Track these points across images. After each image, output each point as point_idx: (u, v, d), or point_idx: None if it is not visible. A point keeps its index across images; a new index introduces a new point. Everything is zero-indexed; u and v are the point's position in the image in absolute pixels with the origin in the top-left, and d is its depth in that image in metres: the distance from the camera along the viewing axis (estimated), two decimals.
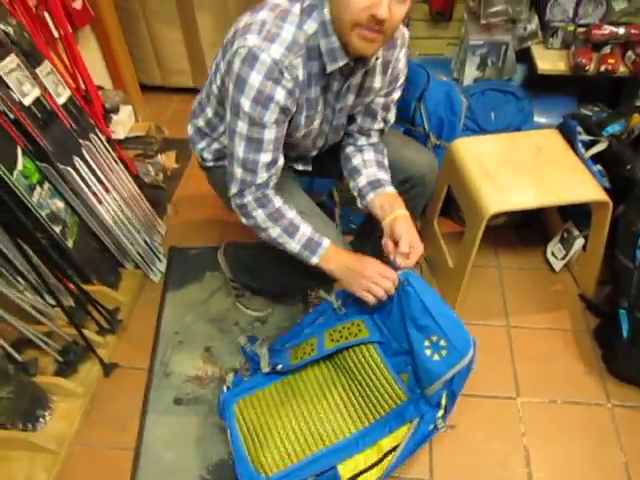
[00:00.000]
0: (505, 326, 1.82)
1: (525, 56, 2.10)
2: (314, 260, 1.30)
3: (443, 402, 1.26)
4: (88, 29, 2.47)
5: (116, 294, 1.87)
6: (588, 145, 1.73)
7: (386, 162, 1.48)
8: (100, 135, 1.89)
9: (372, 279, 1.25)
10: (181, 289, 1.96)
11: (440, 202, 1.92)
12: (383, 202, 1.38)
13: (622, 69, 1.91)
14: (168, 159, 2.47)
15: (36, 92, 1.61)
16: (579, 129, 1.75)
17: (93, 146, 1.82)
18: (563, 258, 1.88)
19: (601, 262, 1.74)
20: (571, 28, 1.97)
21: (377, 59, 1.25)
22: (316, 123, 1.31)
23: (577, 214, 1.83)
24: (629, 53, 1.90)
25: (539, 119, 2.07)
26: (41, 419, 1.54)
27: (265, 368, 1.45)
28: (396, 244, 1.31)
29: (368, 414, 1.33)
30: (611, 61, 1.87)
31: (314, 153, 1.49)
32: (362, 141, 1.48)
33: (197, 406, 1.63)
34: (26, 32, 1.68)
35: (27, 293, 1.67)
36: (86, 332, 1.68)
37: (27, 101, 1.57)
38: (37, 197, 1.62)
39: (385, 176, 1.43)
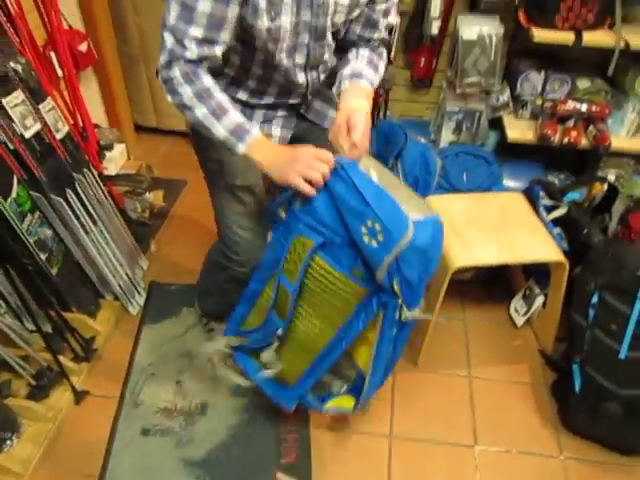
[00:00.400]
0: (467, 376, 1.89)
1: (498, 124, 2.26)
2: (240, 148, 1.21)
3: (396, 288, 1.18)
4: (90, 70, 2.60)
5: (94, 323, 1.92)
6: (550, 209, 1.86)
7: (380, 65, 1.41)
8: (93, 170, 1.99)
9: (307, 162, 1.16)
10: (158, 323, 2.02)
11: None
12: (353, 90, 1.31)
13: (584, 142, 2.07)
14: (156, 197, 2.56)
15: (37, 126, 1.71)
16: (542, 194, 1.88)
17: (85, 180, 1.91)
18: (525, 314, 1.99)
19: (559, 319, 1.85)
20: (539, 102, 2.14)
21: None
22: (285, 20, 1.19)
23: (539, 273, 1.95)
24: (591, 128, 2.07)
25: (508, 183, 2.22)
26: (8, 441, 1.56)
27: (265, 356, 1.48)
28: (347, 131, 1.25)
29: (338, 316, 1.32)
30: (574, 134, 2.03)
31: (300, 78, 1.34)
32: (362, 46, 1.41)
33: (164, 438, 1.66)
34: (33, 70, 1.79)
35: (7, 316, 1.72)
36: (61, 358, 1.72)
37: (28, 134, 1.66)
38: (27, 224, 1.69)
39: (370, 72, 1.36)
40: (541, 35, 1.91)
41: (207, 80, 1.19)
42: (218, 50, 1.18)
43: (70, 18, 2.35)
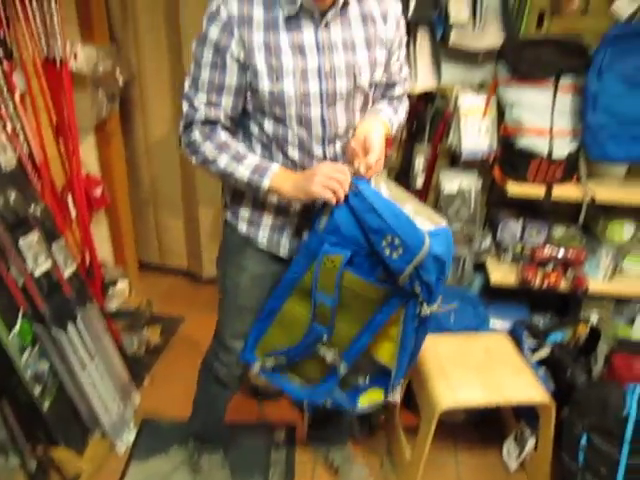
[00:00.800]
0: None
1: (482, 267, 2.39)
2: (265, 183, 1.31)
3: (417, 290, 1.30)
4: (102, 211, 2.80)
5: (80, 461, 1.89)
6: (534, 350, 1.92)
7: (400, 108, 1.54)
8: (95, 305, 2.08)
9: (326, 174, 1.25)
10: (146, 461, 1.99)
11: (401, 394, 2.05)
12: (370, 117, 1.41)
13: (563, 285, 2.18)
14: (153, 333, 2.63)
15: (48, 264, 1.83)
16: (526, 335, 1.95)
17: (87, 316, 1.99)
18: (517, 457, 1.96)
19: (550, 462, 1.82)
20: (519, 248, 2.29)
21: (346, 4, 1.29)
22: (287, 84, 1.27)
23: (529, 414, 1.95)
24: (569, 272, 2.19)
25: (495, 323, 2.29)
26: None
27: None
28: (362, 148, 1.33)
29: (365, 314, 1.41)
30: (553, 278, 2.15)
31: (317, 150, 1.38)
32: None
33: None
34: (50, 213, 1.96)
35: None
36: None
37: (38, 272, 1.78)
38: (26, 357, 1.74)
39: (389, 110, 1.48)
40: (514, 189, 2.11)
41: (224, 135, 1.35)
42: (222, 112, 1.33)
43: (88, 165, 2.59)
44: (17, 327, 1.73)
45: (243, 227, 1.50)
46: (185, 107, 1.34)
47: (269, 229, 1.48)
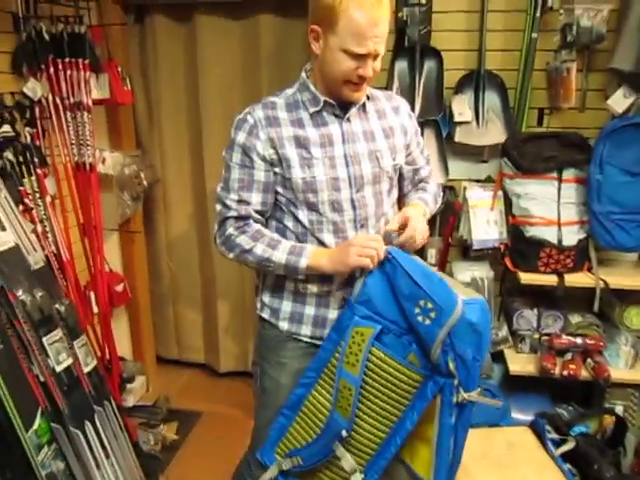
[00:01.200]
0: None
1: (500, 357, 2.36)
2: (303, 262, 1.36)
3: (451, 367, 1.22)
4: (123, 307, 2.86)
5: None
6: (558, 443, 1.86)
7: (427, 186, 1.66)
8: (113, 403, 2.08)
9: (361, 243, 1.32)
10: None
11: None
12: (408, 202, 1.58)
13: (584, 374, 2.14)
14: (169, 430, 2.59)
15: (69, 361, 1.86)
16: (548, 428, 1.90)
17: (105, 413, 1.99)
18: None
19: None
20: (536, 336, 2.27)
21: (364, 104, 1.46)
22: (318, 172, 1.39)
23: None
24: (589, 360, 2.16)
25: (516, 415, 2.23)
26: None
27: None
28: (402, 228, 1.39)
29: (394, 410, 1.33)
30: (572, 367, 2.11)
31: (350, 234, 1.44)
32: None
33: None
34: (73, 310, 2.02)
35: None
36: None
37: (59, 368, 1.81)
38: (42, 457, 1.74)
39: (419, 194, 1.61)
40: (527, 278, 2.13)
41: (256, 226, 1.43)
42: (252, 208, 1.42)
43: (112, 261, 2.69)
44: (35, 426, 1.74)
45: (285, 324, 1.51)
46: (218, 207, 1.45)
47: (312, 320, 1.48)
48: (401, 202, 1.64)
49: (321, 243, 1.43)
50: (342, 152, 1.41)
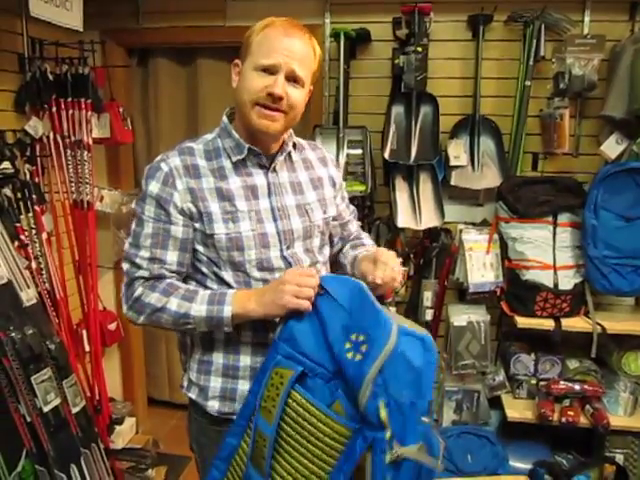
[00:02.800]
0: None
1: (498, 403, 2.32)
2: (227, 310, 1.17)
3: (382, 415, 1.00)
4: (115, 346, 2.82)
5: None
6: None
7: (364, 240, 1.52)
8: (100, 445, 2.03)
9: (297, 281, 1.13)
10: None
11: None
12: (361, 259, 1.37)
13: (583, 420, 2.10)
14: (158, 474, 2.52)
15: (57, 401, 1.82)
16: (547, 477, 1.85)
17: (91, 455, 1.94)
18: None
19: None
20: (534, 381, 2.24)
21: (290, 153, 1.31)
22: (245, 225, 1.22)
23: None
24: (587, 407, 2.12)
25: (514, 464, 2.17)
26: None
27: None
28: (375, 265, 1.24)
29: (318, 470, 1.09)
30: (571, 413, 2.08)
31: None
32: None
33: None
34: (64, 349, 1.99)
35: None
36: None
37: (46, 408, 1.77)
38: None
39: (359, 250, 1.44)
40: (524, 322, 2.12)
41: (169, 280, 1.23)
42: (167, 269, 1.22)
43: (105, 299, 2.67)
44: (19, 468, 1.69)
45: (215, 404, 1.29)
46: (126, 266, 1.25)
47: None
48: (332, 261, 1.48)
49: None
50: (269, 205, 1.26)
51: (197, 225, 1.22)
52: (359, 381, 1.02)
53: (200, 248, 1.24)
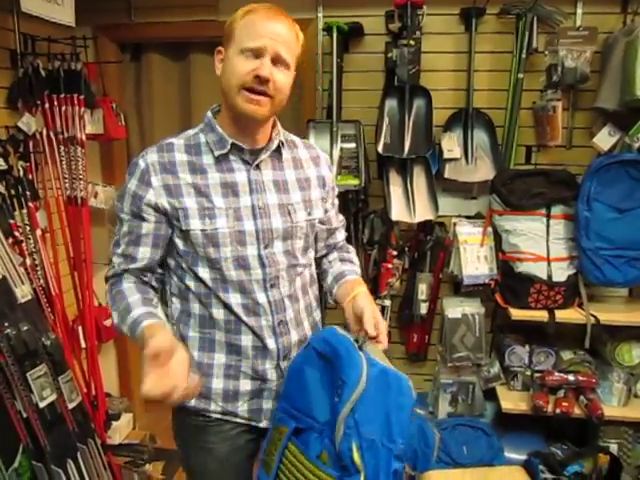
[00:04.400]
0: None
1: (493, 395, 2.34)
2: (140, 341, 1.11)
3: (355, 457, 1.04)
4: (111, 342, 2.82)
5: None
6: None
7: (352, 256, 1.49)
8: (97, 440, 2.04)
9: (154, 372, 1.00)
10: None
11: None
12: (346, 288, 1.35)
13: (577, 411, 2.11)
14: (155, 469, 2.52)
15: (53, 397, 1.83)
16: (542, 467, 1.86)
17: (88, 451, 1.95)
18: None
19: None
20: (528, 373, 2.25)
21: (279, 150, 1.29)
22: (222, 222, 1.21)
23: None
24: (581, 397, 2.14)
25: (510, 455, 2.19)
26: None
27: None
28: (359, 321, 1.21)
29: None
30: (565, 404, 2.09)
31: (260, 297, 1.26)
32: (330, 254, 1.50)
33: None
34: (60, 345, 1.99)
35: None
36: None
37: (42, 404, 1.78)
38: None
39: (348, 267, 1.43)
40: (518, 314, 2.13)
41: (123, 284, 1.24)
42: (137, 266, 1.25)
43: (101, 296, 2.67)
44: (16, 464, 1.69)
45: (191, 401, 1.28)
46: (111, 255, 1.30)
47: (222, 395, 1.29)
48: (317, 267, 1.47)
49: (226, 306, 1.24)
50: (249, 203, 1.24)
51: (174, 221, 1.22)
52: (334, 420, 1.08)
53: (179, 243, 1.25)
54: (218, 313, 1.25)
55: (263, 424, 1.32)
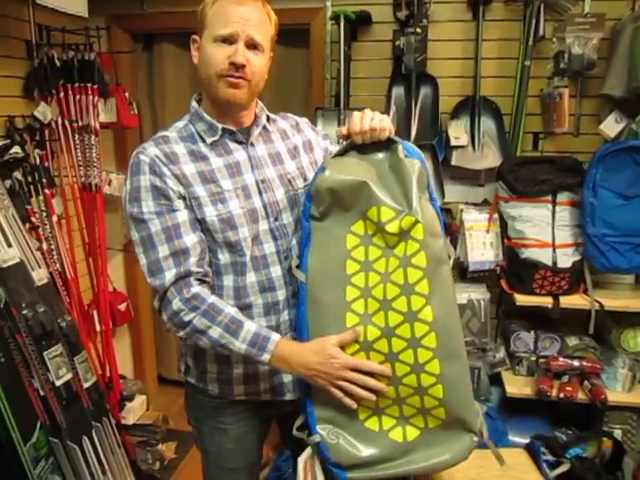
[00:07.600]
0: None
1: (498, 379, 2.37)
2: (265, 357, 1.15)
3: None
4: (125, 326, 2.90)
5: None
6: (553, 465, 1.85)
7: None
8: (112, 420, 2.11)
9: (337, 375, 1.12)
10: None
11: None
12: None
13: (581, 396, 2.14)
14: (168, 449, 2.61)
15: (69, 376, 1.90)
16: (544, 450, 1.89)
17: (103, 429, 2.02)
18: None
19: None
20: (533, 358, 2.28)
21: (265, 126, 1.32)
22: (234, 204, 1.22)
23: None
24: (585, 382, 2.16)
25: (514, 438, 2.22)
26: None
27: None
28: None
29: None
30: (569, 389, 2.11)
31: (273, 267, 1.27)
32: None
33: None
34: (75, 327, 2.06)
35: None
36: None
37: (59, 382, 1.85)
38: (40, 470, 1.76)
39: None
40: (523, 299, 2.15)
41: (208, 296, 1.18)
42: (192, 261, 1.18)
43: (115, 281, 2.74)
44: (34, 439, 1.77)
45: (215, 388, 1.34)
46: (149, 279, 1.19)
47: (242, 379, 1.32)
48: None
49: (242, 284, 1.25)
50: (253, 180, 1.26)
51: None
52: None
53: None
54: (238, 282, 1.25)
55: (288, 397, 1.34)
